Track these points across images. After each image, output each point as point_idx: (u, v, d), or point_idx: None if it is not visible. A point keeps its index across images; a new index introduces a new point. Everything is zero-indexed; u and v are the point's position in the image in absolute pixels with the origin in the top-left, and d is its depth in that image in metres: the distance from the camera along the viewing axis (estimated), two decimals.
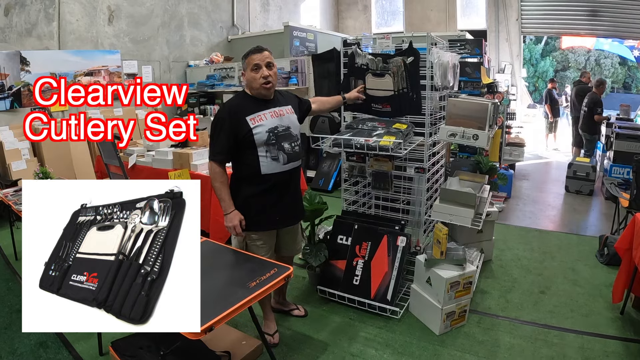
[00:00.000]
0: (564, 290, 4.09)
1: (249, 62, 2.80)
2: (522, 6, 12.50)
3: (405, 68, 3.48)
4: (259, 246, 2.97)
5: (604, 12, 12.01)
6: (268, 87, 2.81)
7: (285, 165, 2.88)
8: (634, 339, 3.32)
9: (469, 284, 3.34)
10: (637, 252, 3.31)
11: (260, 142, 2.78)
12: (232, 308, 2.01)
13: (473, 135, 3.43)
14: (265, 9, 11.50)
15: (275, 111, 2.89)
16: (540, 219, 6.35)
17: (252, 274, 2.34)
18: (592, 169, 7.66)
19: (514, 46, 12.67)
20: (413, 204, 3.88)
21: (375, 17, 14.52)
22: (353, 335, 3.29)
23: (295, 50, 8.83)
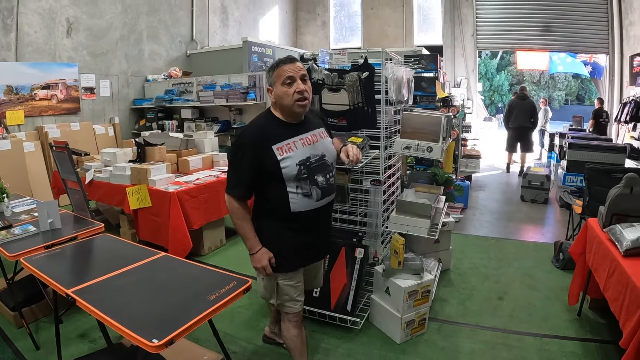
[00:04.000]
0: (522, 296, 4.20)
1: (280, 75, 2.36)
2: (478, 22, 12.91)
3: (361, 83, 3.52)
4: (294, 286, 2.61)
5: (557, 27, 12.55)
6: (304, 104, 2.38)
7: (318, 202, 2.47)
8: (591, 338, 3.44)
9: (427, 293, 3.39)
10: (590, 255, 3.45)
11: (290, 177, 2.35)
12: (192, 321, 2.00)
13: (427, 147, 3.50)
14: (224, 24, 11.53)
15: (308, 137, 2.46)
16: (496, 227, 6.50)
17: (211, 287, 2.32)
18: (546, 178, 7.95)
19: (470, 61, 13.03)
20: (370, 216, 3.92)
21: (333, 32, 14.78)
22: (315, 346, 3.30)
23: (253, 66, 8.86)
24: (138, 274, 2.57)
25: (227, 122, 7.96)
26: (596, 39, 12.59)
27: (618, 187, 3.37)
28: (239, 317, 3.68)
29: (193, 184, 4.81)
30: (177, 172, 5.26)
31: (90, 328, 3.41)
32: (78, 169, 4.62)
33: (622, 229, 3.04)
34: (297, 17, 14.69)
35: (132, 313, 2.11)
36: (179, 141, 5.63)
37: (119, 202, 4.84)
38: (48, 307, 3.55)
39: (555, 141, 9.78)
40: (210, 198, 4.89)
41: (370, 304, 3.64)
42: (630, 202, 3.11)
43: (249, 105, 7.55)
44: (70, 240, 3.17)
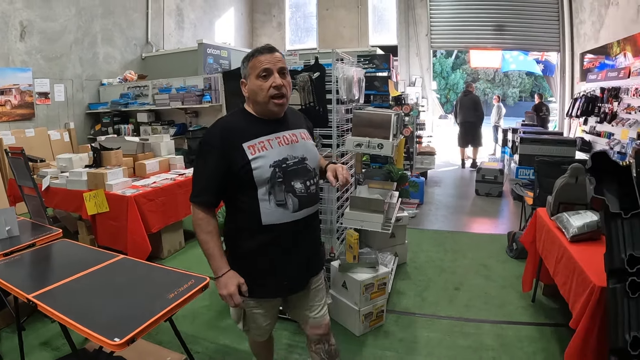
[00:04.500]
0: (478, 285, 4.38)
1: (255, 66, 2.02)
2: (432, 22, 13.15)
3: (312, 83, 3.60)
4: (263, 314, 2.29)
5: (509, 27, 12.90)
6: (280, 102, 2.04)
7: (296, 214, 2.07)
8: (545, 323, 3.62)
9: (383, 285, 3.51)
10: (540, 243, 3.65)
11: (262, 181, 2.00)
12: (152, 319, 2.06)
13: (378, 144, 3.61)
14: (180, 27, 11.45)
15: (286, 136, 2.12)
16: (452, 221, 6.72)
17: (170, 286, 2.37)
18: (499, 172, 8.26)
19: (424, 60, 13.24)
20: (325, 213, 4.02)
21: (289, 34, 14.80)
22: (277, 343, 3.32)
23: (209, 68, 8.86)
24: (98, 277, 2.60)
25: (184, 125, 7.95)
26: (548, 37, 13.06)
27: (564, 177, 3.56)
28: (200, 318, 3.72)
29: (150, 187, 4.81)
30: (133, 176, 5.25)
31: (53, 336, 3.40)
32: (34, 176, 4.57)
33: (568, 216, 3.23)
34: (253, 18, 14.70)
35: (93, 315, 2.14)
36: (135, 145, 5.62)
37: (77, 208, 4.80)
38: (9, 316, 3.51)
39: (508, 136, 10.19)
40: (168, 201, 4.90)
41: None
42: (575, 191, 3.27)
43: (205, 107, 7.58)
44: (28, 247, 3.16)
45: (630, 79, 8.74)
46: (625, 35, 9.34)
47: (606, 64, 10.45)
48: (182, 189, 5.10)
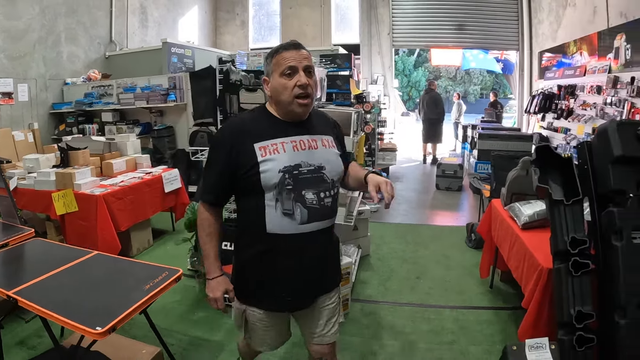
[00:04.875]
0: (438, 274, 4.63)
1: (279, 63, 1.90)
2: (393, 21, 13.40)
3: None
4: (265, 327, 2.15)
5: (470, 26, 13.28)
6: (305, 102, 1.90)
7: (303, 226, 1.91)
8: (502, 307, 3.89)
9: (347, 275, 3.71)
10: (495, 232, 3.93)
11: (269, 186, 1.87)
12: (131, 308, 2.20)
13: None
14: (143, 25, 11.35)
15: (303, 141, 1.96)
16: (413, 215, 6.99)
17: (145, 278, 2.51)
18: (459, 167, 8.61)
19: (386, 58, 13.49)
20: None
21: (252, 32, 14.81)
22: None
23: (173, 67, 8.87)
24: (74, 272, 2.69)
25: (148, 124, 7.94)
26: (507, 36, 13.52)
27: (515, 170, 3.86)
28: (172, 312, 3.81)
29: (118, 186, 4.87)
30: (101, 175, 5.29)
31: (28, 335, 3.44)
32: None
33: (520, 206, 3.51)
34: (217, 17, 14.66)
35: (73, 307, 2.24)
36: (102, 145, 5.66)
37: (45, 208, 4.82)
38: None
39: (467, 132, 10.56)
40: (136, 199, 4.97)
41: None
42: (526, 183, 3.49)
43: (170, 107, 7.60)
44: (1, 247, 3.20)
45: (586, 77, 9.19)
46: (581, 35, 9.76)
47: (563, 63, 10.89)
48: (150, 187, 5.19)
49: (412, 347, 3.36)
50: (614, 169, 2.33)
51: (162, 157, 7.33)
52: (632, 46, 7.90)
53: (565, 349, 2.21)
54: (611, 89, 8.01)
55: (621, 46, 8.26)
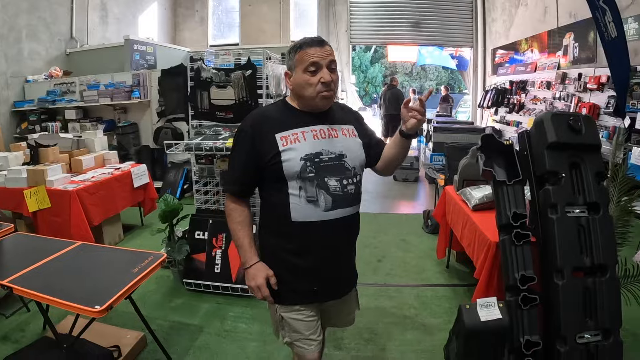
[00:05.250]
0: (398, 257, 5.02)
1: (302, 59, 1.90)
2: (351, 19, 13.72)
3: (245, 80, 4.06)
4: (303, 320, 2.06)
5: (426, 23, 13.77)
6: (328, 95, 1.93)
7: (328, 213, 1.93)
8: (458, 284, 4.31)
9: None
10: (449, 215, 4.33)
11: (292, 174, 1.90)
12: (125, 287, 2.41)
13: None
14: (103, 21, 11.28)
15: (323, 130, 1.98)
16: (373, 204, 7.38)
17: (132, 263, 2.71)
18: (415, 159, 9.06)
19: (344, 55, 13.81)
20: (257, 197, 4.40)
21: (212, 29, 14.83)
22: (223, 316, 3.75)
23: (135, 64, 8.94)
24: (63, 261, 2.85)
25: (112, 121, 8.01)
26: (462, 34, 14.14)
27: (466, 158, 4.32)
28: (150, 300, 3.99)
29: (90, 181, 4.97)
30: (70, 172, 5.35)
31: (10, 330, 3.53)
32: None
33: (470, 190, 3.92)
34: (176, 13, 14.63)
35: (69, 291, 2.42)
36: (70, 141, 5.73)
37: (16, 206, 4.83)
38: None
39: (423, 126, 10.97)
40: (107, 194, 5.10)
41: None
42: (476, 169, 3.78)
43: (134, 103, 7.70)
44: None
45: (536, 73, 9.77)
46: (532, 34, 10.38)
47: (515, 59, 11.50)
48: (120, 182, 5.32)
49: (377, 321, 3.68)
50: (549, 153, 2.65)
51: (126, 154, 7.43)
52: (579, 44, 8.47)
53: (513, 308, 2.54)
54: (560, 84, 8.55)
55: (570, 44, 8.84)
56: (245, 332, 3.53)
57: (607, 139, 6.87)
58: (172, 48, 10.72)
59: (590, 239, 2.54)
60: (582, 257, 2.52)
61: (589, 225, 2.56)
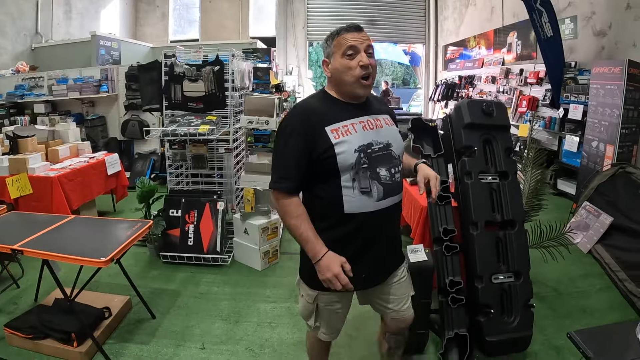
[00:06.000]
0: None
1: (340, 44, 1.93)
2: (308, 15, 14.15)
3: (214, 74, 4.63)
4: (336, 311, 2.16)
5: (380, 20, 14.33)
6: (367, 83, 1.93)
7: (380, 202, 1.95)
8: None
9: (275, 229, 4.57)
10: None
11: (346, 167, 1.89)
12: (125, 242, 2.91)
13: (265, 120, 4.63)
14: (67, 16, 11.31)
15: (370, 121, 2.00)
16: None
17: (125, 227, 3.22)
18: None
19: (301, 50, 14.21)
20: (225, 177, 5.01)
21: (172, 24, 14.95)
22: (197, 282, 4.24)
23: (101, 59, 9.22)
24: (63, 230, 3.26)
25: (80, 114, 8.27)
26: (415, 31, 14.83)
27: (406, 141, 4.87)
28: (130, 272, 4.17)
29: (68, 169, 5.31)
30: (47, 161, 5.61)
31: (2, 304, 3.77)
32: None
33: None
34: (137, 8, 14.69)
35: (74, 249, 2.84)
36: (46, 133, 6.06)
37: None
38: None
39: None
40: (84, 181, 5.45)
41: (233, 246, 4.69)
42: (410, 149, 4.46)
43: (102, 97, 8.02)
44: None
45: (483, 69, 10.58)
46: (480, 32, 11.19)
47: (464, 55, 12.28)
48: (95, 170, 5.71)
49: None
50: (465, 132, 3.28)
51: (95, 146, 7.66)
52: (522, 42, 9.26)
53: (439, 256, 3.15)
54: (504, 79, 9.31)
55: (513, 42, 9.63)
56: (218, 293, 4.04)
57: (544, 128, 7.65)
58: (136, 44, 10.94)
59: (500, 199, 3.16)
60: (494, 214, 3.13)
61: (499, 189, 3.18)
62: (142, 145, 8.24)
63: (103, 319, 3.28)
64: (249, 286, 4.18)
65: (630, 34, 6.15)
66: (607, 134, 5.86)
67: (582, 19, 7.28)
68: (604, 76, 5.87)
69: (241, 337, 3.39)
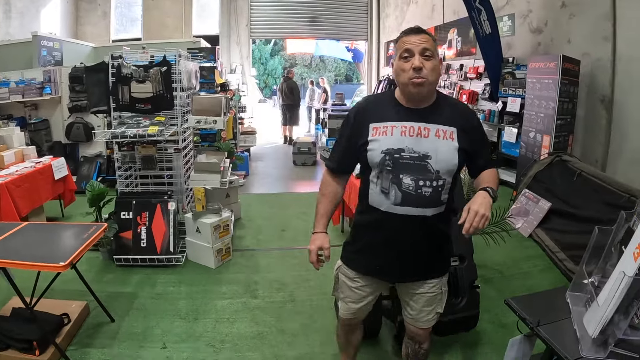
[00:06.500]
0: (299, 226, 5.82)
1: (399, 47, 2.01)
2: (252, 13, 14.25)
3: (161, 75, 4.70)
4: (351, 287, 2.35)
5: (323, 18, 14.62)
6: (418, 82, 1.92)
7: (398, 207, 2.01)
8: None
9: (227, 226, 4.69)
10: None
11: (373, 164, 2.04)
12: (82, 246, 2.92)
13: (213, 120, 4.74)
14: (7, 16, 10.91)
15: (414, 127, 2.00)
16: (275, 186, 8.45)
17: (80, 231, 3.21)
18: (312, 145, 10.20)
19: (244, 48, 14.33)
20: (175, 177, 5.07)
21: (114, 23, 14.62)
22: (153, 283, 4.25)
23: (43, 60, 8.96)
24: (17, 237, 3.15)
25: (23, 118, 8.01)
26: (357, 28, 15.25)
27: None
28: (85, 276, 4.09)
29: (15, 175, 5.17)
30: None
31: None
32: None
33: None
34: (78, 7, 14.21)
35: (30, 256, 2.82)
36: None
37: None
38: None
39: (320, 115, 12.30)
40: (32, 187, 5.34)
41: (186, 245, 4.76)
42: None
43: (46, 100, 7.83)
44: None
45: None
46: None
47: None
48: (42, 175, 5.59)
49: (284, 275, 4.47)
50: None
51: (40, 150, 7.50)
52: (462, 39, 9.65)
53: None
54: (445, 74, 9.63)
55: (454, 38, 10.03)
56: (174, 293, 4.11)
57: (484, 121, 8.01)
58: (78, 44, 10.63)
59: None
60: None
61: None
62: (87, 148, 8.09)
63: (63, 325, 3.28)
64: (205, 284, 4.27)
65: (564, 31, 6.53)
66: (543, 125, 6.27)
67: (519, 16, 7.66)
68: (540, 71, 6.25)
69: (201, 334, 3.48)
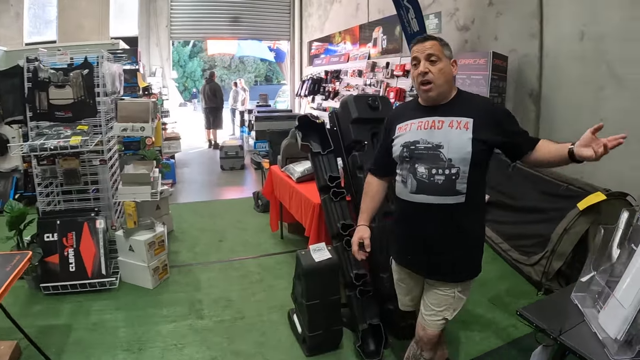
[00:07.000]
0: (237, 236, 5.56)
1: (411, 55, 2.19)
2: (172, 14, 13.67)
3: (83, 79, 4.21)
4: (396, 280, 2.58)
5: (245, 18, 14.27)
6: (426, 88, 2.11)
7: (414, 195, 2.16)
8: (294, 249, 4.87)
9: (162, 242, 4.30)
10: (277, 192, 5.01)
11: (396, 157, 2.25)
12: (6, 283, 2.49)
13: (140, 127, 4.38)
14: None
15: (428, 121, 2.15)
16: (204, 193, 8.06)
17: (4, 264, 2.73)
18: (240, 148, 9.90)
19: (164, 50, 13.72)
20: (102, 192, 4.64)
21: (27, 25, 13.47)
22: (87, 311, 3.79)
23: None
24: None
25: None
26: (280, 28, 14.99)
27: (287, 139, 5.14)
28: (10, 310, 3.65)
29: None
30: None
31: None
32: None
33: (293, 166, 4.64)
34: None
35: None
36: None
37: None
38: None
39: (245, 117, 11.85)
40: None
41: (119, 266, 4.30)
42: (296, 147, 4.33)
43: None
44: None
45: (349, 63, 10.94)
46: (346, 27, 11.55)
47: (330, 50, 12.57)
48: None
49: (228, 290, 4.17)
50: (353, 127, 3.38)
51: None
52: (387, 37, 9.64)
53: (340, 251, 3.22)
54: (370, 72, 9.59)
55: (379, 37, 10.00)
56: (112, 321, 3.67)
57: None
58: None
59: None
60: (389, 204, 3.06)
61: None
62: (2, 162, 7.34)
63: None
64: (144, 307, 3.87)
65: (491, 28, 6.57)
66: None
67: (446, 14, 7.68)
68: (469, 67, 6.22)
69: None
